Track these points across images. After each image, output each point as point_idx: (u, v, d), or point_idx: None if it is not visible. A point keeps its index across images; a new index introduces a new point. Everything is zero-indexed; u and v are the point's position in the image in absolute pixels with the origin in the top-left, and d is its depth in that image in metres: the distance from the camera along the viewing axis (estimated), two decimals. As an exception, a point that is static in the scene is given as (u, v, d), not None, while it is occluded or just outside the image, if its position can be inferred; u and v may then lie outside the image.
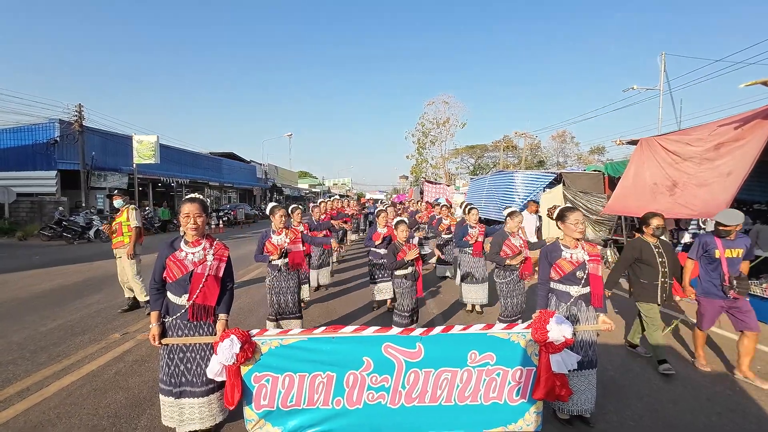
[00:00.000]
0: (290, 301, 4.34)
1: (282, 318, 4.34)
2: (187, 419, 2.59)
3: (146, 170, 20.13)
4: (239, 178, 33.96)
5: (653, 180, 6.11)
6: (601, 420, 2.94)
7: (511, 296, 4.40)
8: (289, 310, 4.35)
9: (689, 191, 5.53)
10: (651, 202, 5.93)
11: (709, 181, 5.33)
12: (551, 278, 2.91)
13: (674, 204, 5.64)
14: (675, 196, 5.69)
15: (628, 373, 3.79)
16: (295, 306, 4.39)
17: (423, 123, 42.02)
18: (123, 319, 5.21)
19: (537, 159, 43.22)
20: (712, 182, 5.29)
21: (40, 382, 3.48)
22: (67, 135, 17.17)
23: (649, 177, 6.28)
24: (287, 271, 4.33)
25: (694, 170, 5.58)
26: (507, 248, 4.34)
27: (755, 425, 2.95)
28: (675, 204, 5.63)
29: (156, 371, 3.63)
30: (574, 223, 2.84)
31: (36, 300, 6.17)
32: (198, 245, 2.60)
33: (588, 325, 2.81)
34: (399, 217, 4.73)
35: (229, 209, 25.27)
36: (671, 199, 5.74)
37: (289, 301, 4.34)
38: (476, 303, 5.63)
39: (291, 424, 2.69)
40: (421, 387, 2.70)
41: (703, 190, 5.37)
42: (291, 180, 48.37)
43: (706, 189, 5.34)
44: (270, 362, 2.64)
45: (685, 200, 5.54)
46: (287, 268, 4.33)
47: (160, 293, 2.61)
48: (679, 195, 5.64)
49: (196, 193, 2.70)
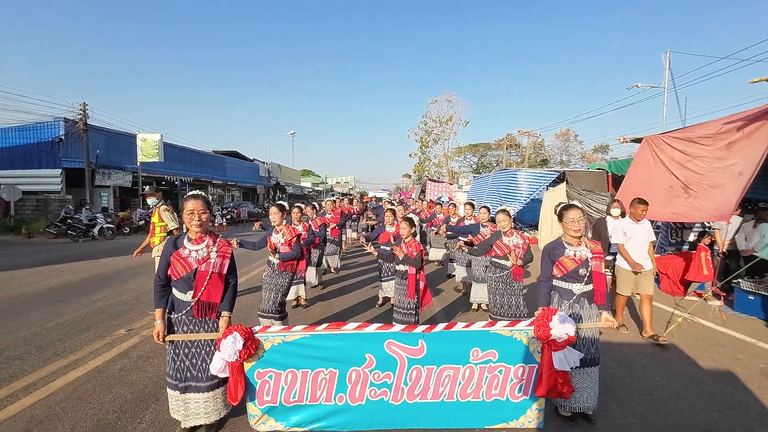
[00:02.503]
0: (276, 300, 4.21)
1: (261, 316, 4.21)
2: (192, 414, 2.62)
3: (150, 168, 20.23)
4: (242, 177, 34.06)
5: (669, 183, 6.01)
6: (603, 417, 2.95)
7: (500, 295, 4.42)
8: (269, 309, 4.20)
9: (702, 193, 5.44)
10: (667, 206, 5.87)
11: (722, 181, 5.23)
12: (554, 276, 2.91)
13: (690, 207, 5.55)
14: (690, 199, 5.62)
15: (630, 370, 3.79)
16: (275, 306, 4.21)
17: (426, 121, 42.02)
18: (128, 316, 5.26)
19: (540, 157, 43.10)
20: (724, 183, 5.19)
21: (46, 377, 3.52)
22: (72, 133, 17.29)
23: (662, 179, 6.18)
24: (279, 270, 4.27)
25: (705, 169, 5.49)
26: (497, 248, 4.42)
27: (757, 422, 2.94)
28: (690, 207, 5.55)
29: (161, 367, 3.67)
30: (570, 220, 2.84)
31: (42, 296, 6.23)
32: (201, 242, 2.62)
33: (590, 323, 2.81)
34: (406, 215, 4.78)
35: (233, 207, 25.36)
36: (686, 202, 5.65)
37: (276, 300, 4.21)
38: (482, 302, 5.65)
39: (294, 419, 2.71)
40: (423, 384, 2.71)
41: (717, 191, 5.27)
42: (294, 178, 48.44)
43: (719, 190, 5.24)
44: (273, 358, 2.66)
45: (700, 203, 5.45)
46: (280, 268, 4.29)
47: (164, 290, 2.63)
48: (694, 197, 5.56)
49: (198, 190, 2.71)
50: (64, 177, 17.39)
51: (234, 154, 34.81)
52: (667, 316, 5.33)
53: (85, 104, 17.32)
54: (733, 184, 5.02)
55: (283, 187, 41.85)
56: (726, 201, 5.00)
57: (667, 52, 18.25)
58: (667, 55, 18.26)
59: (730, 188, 5.06)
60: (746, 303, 5.56)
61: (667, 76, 18.35)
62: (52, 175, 17.31)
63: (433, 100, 41.61)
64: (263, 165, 37.72)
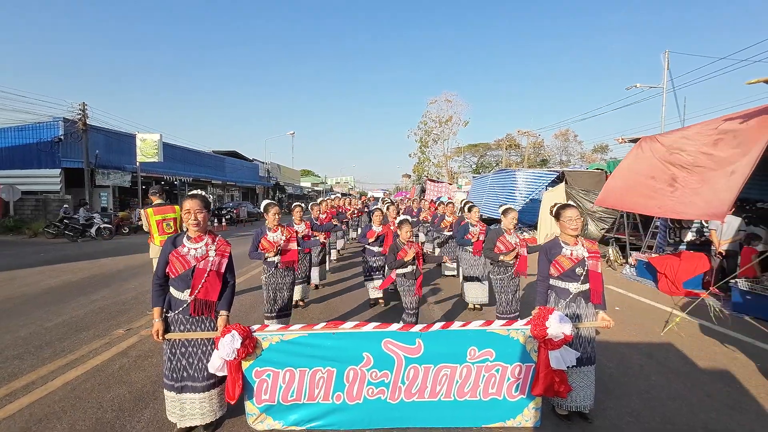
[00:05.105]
0: (285, 298, 4.29)
1: (269, 318, 4.25)
2: (188, 414, 2.62)
3: (149, 168, 20.21)
4: (242, 177, 34.06)
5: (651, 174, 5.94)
6: (599, 416, 2.96)
7: (505, 292, 4.43)
8: (284, 307, 4.29)
9: (690, 188, 5.35)
10: (650, 199, 5.81)
11: (710, 177, 5.13)
12: (550, 275, 2.92)
13: (677, 203, 5.46)
14: (676, 194, 5.57)
15: (627, 369, 3.80)
16: (283, 303, 4.29)
17: (426, 121, 42.06)
18: (127, 315, 5.26)
19: (540, 157, 43.11)
20: (712, 178, 5.09)
21: (45, 376, 3.53)
22: (71, 133, 17.28)
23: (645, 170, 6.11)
24: (283, 269, 4.28)
25: (691, 163, 5.40)
26: (501, 245, 4.38)
27: (754, 422, 2.95)
28: (678, 203, 5.44)
29: (159, 366, 3.67)
30: (568, 219, 2.85)
31: (42, 296, 6.24)
32: (200, 241, 2.63)
33: (587, 322, 2.82)
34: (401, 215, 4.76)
35: (232, 207, 25.37)
36: (672, 197, 5.57)
37: (285, 298, 4.30)
38: (477, 302, 5.64)
39: (291, 418, 2.72)
40: (420, 382, 2.72)
41: (705, 187, 5.17)
42: (293, 178, 48.44)
43: (707, 186, 5.14)
44: (271, 357, 2.67)
45: (688, 199, 5.34)
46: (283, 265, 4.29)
47: (162, 289, 2.64)
48: (680, 193, 5.51)
49: (198, 190, 2.72)
50: (63, 177, 17.37)
51: (233, 154, 34.81)
52: (665, 315, 5.35)
53: (84, 104, 17.32)
54: (725, 182, 4.89)
55: (283, 187, 41.87)
56: (718, 200, 4.87)
57: (666, 53, 18.27)
58: (666, 55, 18.28)
59: (721, 186, 4.92)
60: (744, 303, 5.58)
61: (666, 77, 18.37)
62: (52, 175, 17.29)
63: (433, 100, 41.73)
64: (263, 165, 37.72)
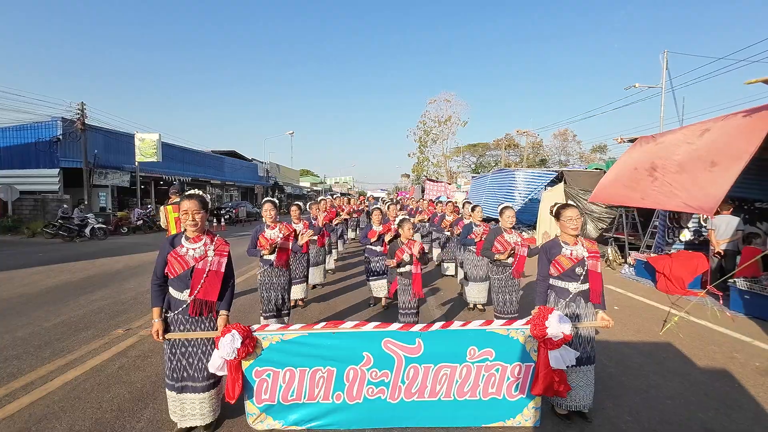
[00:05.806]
0: (279, 297, 4.23)
1: (266, 317, 4.20)
2: (188, 414, 2.63)
3: (148, 168, 20.18)
4: (241, 177, 34.02)
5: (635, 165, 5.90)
6: (599, 415, 2.97)
7: (503, 292, 4.43)
8: (278, 307, 4.24)
9: (669, 177, 5.22)
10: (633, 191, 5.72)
11: (688, 166, 5.02)
12: (550, 274, 2.93)
13: (659, 193, 5.31)
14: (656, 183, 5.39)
15: (626, 369, 3.81)
16: (280, 303, 4.24)
17: (425, 121, 42.10)
18: (126, 315, 5.26)
19: (539, 157, 43.13)
20: (692, 169, 4.97)
21: (45, 376, 3.52)
22: (70, 133, 17.23)
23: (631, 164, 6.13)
24: (278, 268, 4.23)
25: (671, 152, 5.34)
26: (498, 244, 4.38)
27: (752, 421, 2.96)
28: (660, 193, 5.29)
29: (159, 366, 3.67)
30: (568, 219, 2.86)
31: (41, 296, 6.23)
32: (199, 241, 2.63)
33: (587, 322, 2.83)
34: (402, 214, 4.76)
35: (231, 207, 25.34)
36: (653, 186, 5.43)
37: (279, 298, 4.23)
38: (477, 302, 5.64)
39: (292, 418, 2.73)
40: (420, 382, 2.73)
41: (684, 176, 5.04)
42: (293, 178, 48.40)
43: (687, 176, 5.01)
44: (271, 357, 2.67)
45: (668, 189, 5.19)
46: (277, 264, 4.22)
47: (161, 289, 2.64)
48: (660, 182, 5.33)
49: (195, 190, 2.72)
50: (61, 177, 17.32)
51: (232, 153, 34.76)
52: (664, 315, 5.36)
53: (83, 104, 17.27)
54: (706, 174, 4.76)
55: (282, 186, 41.83)
56: (701, 191, 4.76)
57: (665, 53, 18.30)
58: (665, 55, 18.31)
59: (703, 178, 4.80)
60: (742, 302, 5.60)
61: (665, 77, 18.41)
62: (50, 174, 17.23)
63: (432, 100, 41.80)
64: (262, 165, 37.69)
